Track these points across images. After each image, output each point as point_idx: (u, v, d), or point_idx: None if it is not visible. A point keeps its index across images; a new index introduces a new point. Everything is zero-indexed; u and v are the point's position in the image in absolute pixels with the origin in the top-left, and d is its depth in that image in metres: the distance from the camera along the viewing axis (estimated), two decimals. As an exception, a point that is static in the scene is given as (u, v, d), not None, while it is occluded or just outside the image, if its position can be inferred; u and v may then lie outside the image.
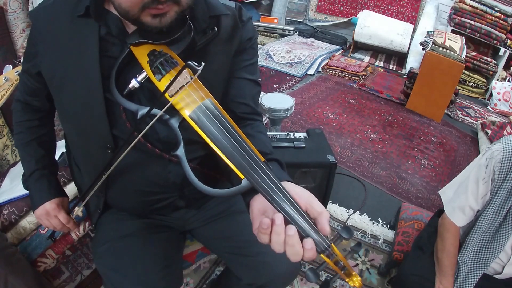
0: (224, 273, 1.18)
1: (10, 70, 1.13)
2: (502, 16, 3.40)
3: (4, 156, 1.50)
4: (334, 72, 3.65)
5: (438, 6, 3.92)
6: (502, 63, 3.53)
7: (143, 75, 0.66)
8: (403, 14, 4.16)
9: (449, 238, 1.12)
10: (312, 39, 4.32)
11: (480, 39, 3.51)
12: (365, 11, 4.16)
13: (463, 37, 3.13)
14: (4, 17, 1.56)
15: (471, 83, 3.64)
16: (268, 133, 1.70)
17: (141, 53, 0.67)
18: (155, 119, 0.63)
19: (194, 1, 0.67)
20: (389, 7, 4.20)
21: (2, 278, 0.94)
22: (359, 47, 4.24)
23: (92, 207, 0.91)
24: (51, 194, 0.90)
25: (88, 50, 0.70)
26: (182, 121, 0.64)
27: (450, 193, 1.15)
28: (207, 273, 1.46)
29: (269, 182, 0.57)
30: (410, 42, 3.84)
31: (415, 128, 2.82)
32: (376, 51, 4.20)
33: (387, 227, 1.79)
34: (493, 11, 3.41)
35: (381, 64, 4.01)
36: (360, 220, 1.82)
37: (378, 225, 1.80)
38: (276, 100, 1.89)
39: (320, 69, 3.68)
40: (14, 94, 0.93)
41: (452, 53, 2.74)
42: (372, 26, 3.95)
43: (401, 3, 4.15)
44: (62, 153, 1.26)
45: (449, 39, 2.96)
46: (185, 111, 0.62)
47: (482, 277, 1.09)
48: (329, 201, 1.81)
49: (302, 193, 0.59)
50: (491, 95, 3.46)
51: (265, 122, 1.63)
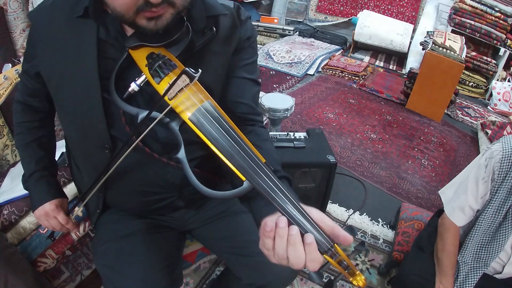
0: (224, 273, 1.18)
1: (9, 69, 1.13)
2: (502, 16, 3.40)
3: (4, 156, 1.50)
4: (334, 72, 3.65)
5: (438, 6, 3.91)
6: (502, 63, 3.53)
7: (142, 78, 0.66)
8: (403, 14, 4.16)
9: (449, 238, 1.12)
10: (312, 39, 4.32)
11: (480, 39, 3.51)
12: (365, 11, 4.16)
13: (463, 37, 3.13)
14: (4, 17, 1.57)
15: (471, 83, 3.64)
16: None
17: (140, 56, 0.67)
18: (154, 122, 0.63)
19: (190, 2, 0.66)
20: (389, 7, 4.20)
21: (2, 278, 0.94)
22: (359, 47, 4.24)
23: (92, 207, 0.92)
24: (50, 195, 0.90)
25: (86, 51, 0.70)
26: (182, 124, 0.64)
27: (450, 193, 1.15)
28: (207, 273, 1.46)
29: (270, 183, 0.57)
30: (410, 42, 3.84)
31: (415, 128, 2.81)
32: (376, 51, 4.20)
33: (387, 227, 1.79)
34: (493, 11, 3.41)
35: (381, 64, 4.01)
36: (360, 220, 1.81)
37: (378, 225, 1.80)
38: (276, 100, 1.89)
39: (320, 69, 3.68)
40: (14, 95, 0.93)
41: (452, 53, 2.74)
42: (372, 26, 3.95)
43: (401, 3, 4.15)
44: (62, 153, 1.26)
45: (449, 39, 2.96)
46: (185, 114, 0.62)
47: (482, 277, 1.09)
48: (329, 201, 1.80)
49: (312, 210, 0.58)
50: (491, 95, 3.46)
51: (265, 122, 1.62)
